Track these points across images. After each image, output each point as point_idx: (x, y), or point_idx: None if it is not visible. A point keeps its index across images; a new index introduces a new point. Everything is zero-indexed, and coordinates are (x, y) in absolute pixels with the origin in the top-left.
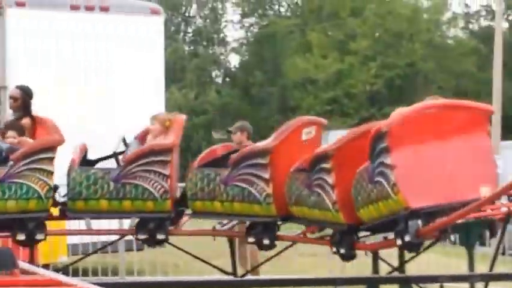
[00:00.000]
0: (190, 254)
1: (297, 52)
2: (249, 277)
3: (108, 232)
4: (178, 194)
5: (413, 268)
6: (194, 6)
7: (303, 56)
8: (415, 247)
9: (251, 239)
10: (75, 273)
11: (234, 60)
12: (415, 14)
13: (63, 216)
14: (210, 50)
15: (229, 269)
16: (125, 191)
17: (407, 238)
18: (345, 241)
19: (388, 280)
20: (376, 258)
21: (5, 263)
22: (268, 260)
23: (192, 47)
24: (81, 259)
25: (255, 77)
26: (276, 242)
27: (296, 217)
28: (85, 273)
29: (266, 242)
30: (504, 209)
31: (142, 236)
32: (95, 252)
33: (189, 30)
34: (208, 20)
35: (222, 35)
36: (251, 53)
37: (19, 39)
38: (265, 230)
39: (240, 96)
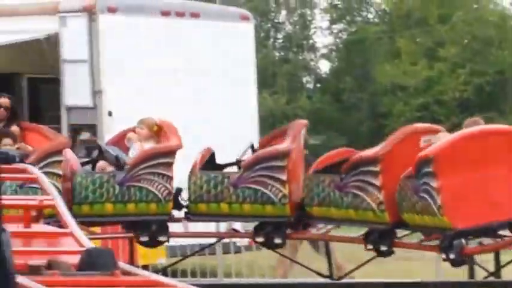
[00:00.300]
0: (287, 257)
1: (386, 59)
2: (345, 280)
3: (205, 235)
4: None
5: (510, 273)
6: (283, 12)
7: (392, 63)
8: (459, 264)
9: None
10: (174, 275)
11: (324, 66)
12: (503, 21)
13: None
14: (300, 56)
15: (326, 272)
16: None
17: (451, 256)
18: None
19: (484, 285)
20: (471, 263)
21: (106, 263)
22: (363, 264)
23: (282, 53)
24: (179, 261)
25: (345, 83)
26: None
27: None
28: (184, 274)
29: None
30: None
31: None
32: (193, 254)
33: (279, 36)
34: (297, 26)
35: (311, 41)
36: (341, 59)
37: (112, 45)
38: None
39: (330, 102)
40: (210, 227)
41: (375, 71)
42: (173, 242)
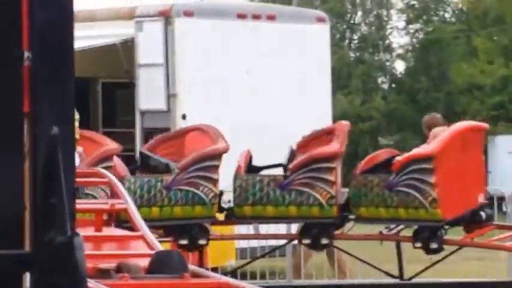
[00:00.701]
0: (356, 257)
1: (463, 58)
2: (416, 280)
3: (275, 236)
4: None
5: None
6: (359, 13)
7: (468, 62)
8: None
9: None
10: (243, 277)
11: (399, 67)
12: None
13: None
14: (375, 56)
15: (396, 272)
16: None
17: (434, 245)
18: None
19: None
20: None
21: (176, 266)
22: (433, 264)
23: (357, 54)
24: (249, 263)
25: (421, 83)
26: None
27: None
28: (253, 276)
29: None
30: None
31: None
32: (263, 256)
33: (355, 37)
34: (373, 27)
35: (387, 41)
36: (416, 59)
37: (187, 48)
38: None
39: (406, 102)
40: (281, 228)
41: (451, 70)
42: (244, 243)
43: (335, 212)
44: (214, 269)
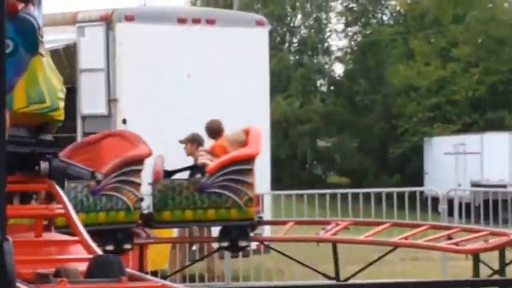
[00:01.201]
0: (293, 258)
1: (400, 60)
2: (352, 281)
3: (209, 239)
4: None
5: None
6: (299, 16)
7: (406, 64)
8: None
9: (225, 244)
10: (183, 280)
11: (338, 69)
12: None
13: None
14: (314, 59)
15: (332, 273)
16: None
17: (243, 243)
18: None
19: (489, 283)
20: (476, 261)
21: (114, 270)
22: (369, 265)
23: (297, 57)
24: (187, 266)
25: (359, 85)
26: (378, 247)
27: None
28: (192, 279)
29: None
30: None
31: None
32: (202, 259)
33: (294, 40)
34: (312, 30)
35: (326, 44)
36: (355, 62)
37: (128, 53)
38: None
39: (344, 104)
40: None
41: (388, 72)
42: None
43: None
44: (154, 273)
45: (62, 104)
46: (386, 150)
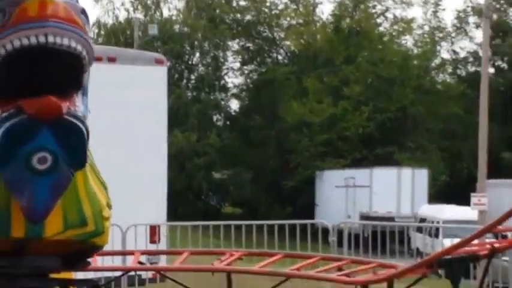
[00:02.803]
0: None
1: (294, 97)
2: None
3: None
4: None
5: None
6: (197, 54)
7: (299, 101)
8: None
9: None
10: None
11: (234, 105)
12: (405, 61)
13: None
14: (211, 95)
15: None
16: None
17: None
18: None
19: None
20: None
21: None
22: None
23: (194, 93)
24: None
25: (254, 121)
26: (271, 277)
27: None
28: None
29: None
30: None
31: None
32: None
33: (192, 77)
34: (210, 68)
35: (223, 81)
36: (250, 98)
37: None
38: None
39: (239, 139)
40: (117, 260)
41: (282, 109)
42: (80, 275)
43: None
44: None
45: (107, 226)
46: (279, 182)
